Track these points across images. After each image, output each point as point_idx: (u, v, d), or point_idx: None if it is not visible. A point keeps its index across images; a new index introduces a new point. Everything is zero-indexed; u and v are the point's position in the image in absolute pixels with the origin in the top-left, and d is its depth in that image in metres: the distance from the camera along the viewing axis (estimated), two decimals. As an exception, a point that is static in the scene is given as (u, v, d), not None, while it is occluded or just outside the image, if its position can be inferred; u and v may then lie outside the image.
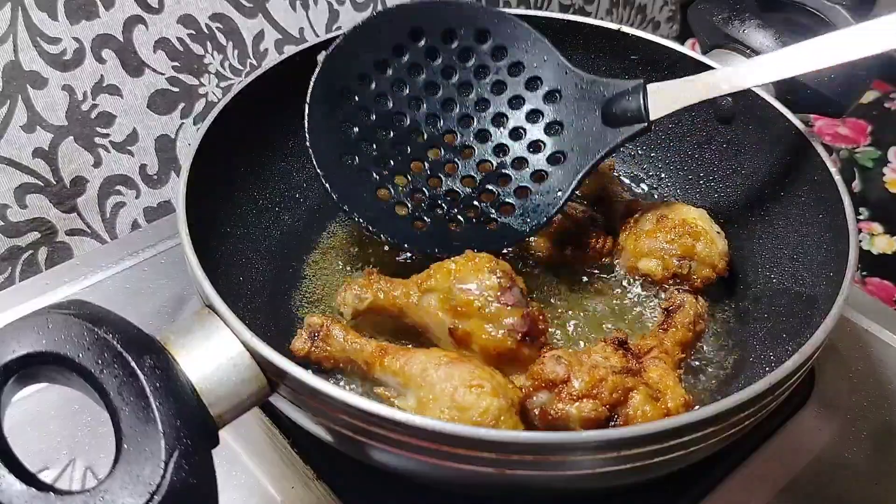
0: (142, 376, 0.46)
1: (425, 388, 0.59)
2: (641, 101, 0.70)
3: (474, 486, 0.57)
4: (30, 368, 0.45)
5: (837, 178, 0.68)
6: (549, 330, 0.70)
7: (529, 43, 0.76)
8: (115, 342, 0.46)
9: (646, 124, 0.70)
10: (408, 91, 0.76)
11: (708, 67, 0.81)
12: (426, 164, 0.76)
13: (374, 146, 0.74)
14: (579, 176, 0.72)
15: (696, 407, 0.66)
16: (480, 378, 0.58)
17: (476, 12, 0.76)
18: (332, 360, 0.66)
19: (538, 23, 0.88)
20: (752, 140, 0.80)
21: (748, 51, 0.83)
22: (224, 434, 0.52)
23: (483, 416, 0.57)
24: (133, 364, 0.46)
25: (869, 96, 1.23)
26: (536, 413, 0.61)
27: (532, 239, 0.78)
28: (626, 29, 0.86)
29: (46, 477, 0.67)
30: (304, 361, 0.66)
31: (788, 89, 0.81)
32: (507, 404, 0.58)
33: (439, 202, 0.75)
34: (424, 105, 0.76)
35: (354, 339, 0.65)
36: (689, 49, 0.83)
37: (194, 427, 0.47)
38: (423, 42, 0.76)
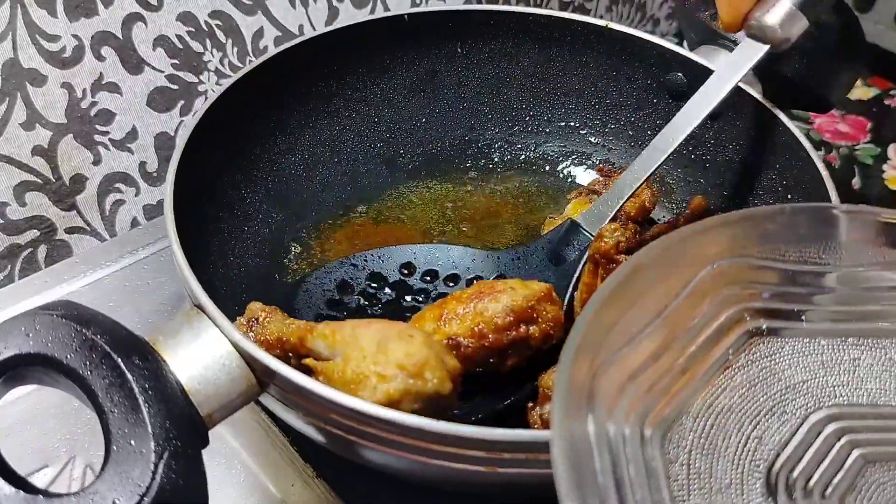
0: (130, 378, 0.46)
1: (352, 344, 0.55)
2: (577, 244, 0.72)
3: (468, 484, 0.57)
4: (17, 370, 0.45)
5: (825, 173, 0.68)
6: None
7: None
8: (103, 343, 0.46)
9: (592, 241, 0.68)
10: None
11: (695, 61, 0.81)
12: None
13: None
14: None
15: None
16: (411, 330, 0.56)
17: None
18: (266, 345, 0.59)
19: (537, 20, 0.87)
20: (739, 137, 0.80)
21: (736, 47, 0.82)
22: (223, 432, 0.52)
23: (409, 359, 0.53)
24: (121, 365, 0.46)
25: (869, 93, 1.22)
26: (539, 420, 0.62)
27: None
28: (613, 25, 0.86)
29: (46, 475, 0.67)
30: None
31: (776, 87, 0.80)
32: (435, 356, 0.55)
33: None
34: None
35: (292, 321, 0.60)
36: (675, 45, 0.83)
37: (184, 428, 0.47)
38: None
